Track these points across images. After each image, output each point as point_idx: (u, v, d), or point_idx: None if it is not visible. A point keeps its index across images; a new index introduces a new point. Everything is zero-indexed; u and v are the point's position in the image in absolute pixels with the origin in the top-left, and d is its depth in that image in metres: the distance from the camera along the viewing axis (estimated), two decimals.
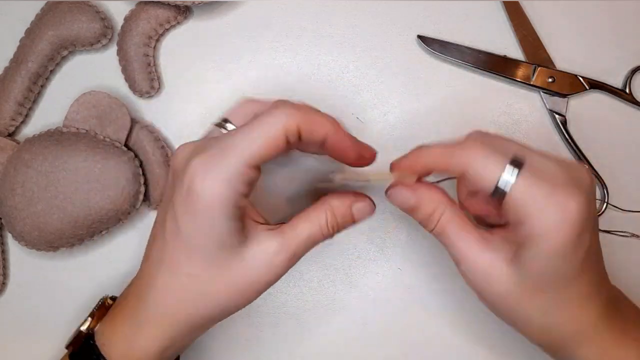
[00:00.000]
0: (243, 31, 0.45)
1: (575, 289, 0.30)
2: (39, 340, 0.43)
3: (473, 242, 0.31)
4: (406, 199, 0.32)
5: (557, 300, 0.30)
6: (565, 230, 0.27)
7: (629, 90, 0.44)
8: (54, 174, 0.39)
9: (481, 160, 0.29)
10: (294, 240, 0.31)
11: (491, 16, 0.45)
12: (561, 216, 0.27)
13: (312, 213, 0.32)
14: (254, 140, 0.28)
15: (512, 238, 0.30)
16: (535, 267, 0.29)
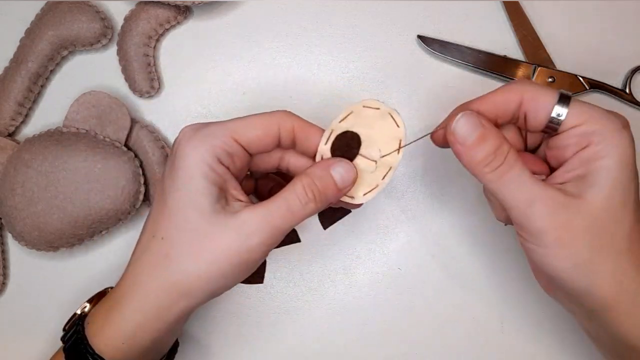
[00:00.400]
0: (243, 31, 0.45)
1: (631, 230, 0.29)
2: (39, 340, 0.43)
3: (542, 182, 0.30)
4: (476, 126, 0.30)
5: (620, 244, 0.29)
6: (629, 144, 0.29)
7: (629, 90, 0.44)
8: (54, 174, 0.39)
9: (535, 92, 0.30)
10: (272, 211, 0.30)
11: (491, 16, 0.45)
12: (623, 132, 0.29)
13: (290, 184, 0.31)
14: (244, 121, 0.32)
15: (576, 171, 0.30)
16: (608, 186, 0.29)
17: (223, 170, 0.31)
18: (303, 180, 0.31)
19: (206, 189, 0.30)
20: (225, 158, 0.31)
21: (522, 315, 0.43)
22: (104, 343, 0.31)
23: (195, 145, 0.30)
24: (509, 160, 0.30)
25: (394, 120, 0.33)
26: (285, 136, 0.32)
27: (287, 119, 0.32)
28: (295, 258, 0.43)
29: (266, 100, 0.44)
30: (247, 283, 0.43)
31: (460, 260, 0.43)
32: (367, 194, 0.33)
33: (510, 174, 0.30)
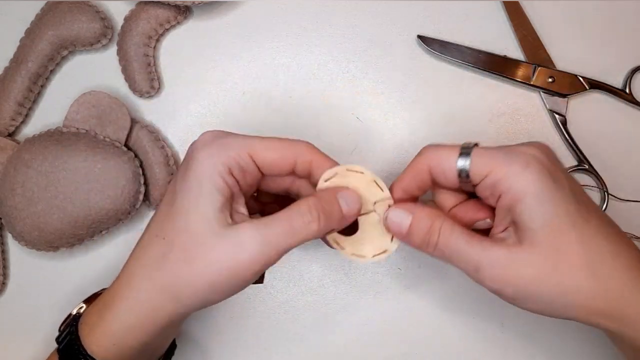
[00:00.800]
0: (243, 31, 0.45)
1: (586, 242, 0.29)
2: (38, 340, 0.43)
3: (481, 244, 0.30)
4: (404, 217, 0.32)
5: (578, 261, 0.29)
6: (537, 177, 0.29)
7: (629, 90, 0.44)
8: (54, 174, 0.39)
9: (437, 155, 0.31)
10: (271, 227, 0.30)
11: (491, 16, 0.45)
12: (526, 169, 0.29)
13: (295, 203, 0.31)
14: (264, 141, 0.32)
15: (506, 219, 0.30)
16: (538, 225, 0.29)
17: (233, 183, 0.30)
18: (309, 200, 0.31)
19: (213, 196, 0.30)
20: (237, 171, 0.31)
21: (522, 315, 0.43)
22: (96, 344, 0.31)
23: (211, 153, 0.30)
24: (444, 234, 0.31)
25: (378, 186, 0.33)
26: (302, 167, 0.32)
27: (307, 152, 0.32)
28: (295, 258, 0.43)
29: (266, 100, 0.45)
30: None
31: None
32: (375, 256, 0.33)
33: (450, 246, 0.31)
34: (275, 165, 0.32)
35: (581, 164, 0.43)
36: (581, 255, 0.29)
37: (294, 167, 0.32)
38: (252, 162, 0.31)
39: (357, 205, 0.32)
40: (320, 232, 0.31)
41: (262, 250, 0.29)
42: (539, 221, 0.29)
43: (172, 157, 0.43)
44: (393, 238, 0.33)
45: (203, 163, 0.30)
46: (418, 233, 0.31)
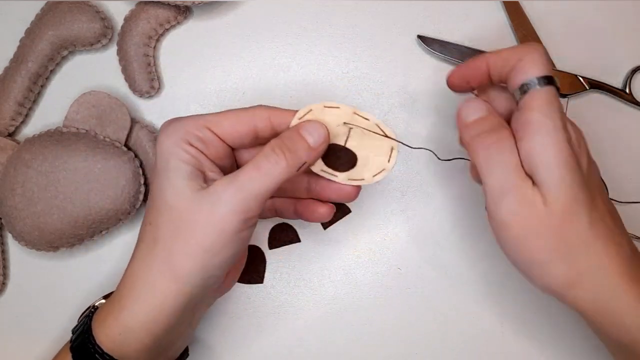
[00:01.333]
0: (243, 31, 0.45)
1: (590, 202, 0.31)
2: (39, 340, 0.43)
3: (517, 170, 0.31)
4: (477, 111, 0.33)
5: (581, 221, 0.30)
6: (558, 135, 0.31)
7: (629, 90, 0.44)
8: (54, 174, 0.39)
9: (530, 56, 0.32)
10: (240, 175, 0.31)
11: (491, 16, 0.45)
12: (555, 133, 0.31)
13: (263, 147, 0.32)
14: (219, 113, 0.33)
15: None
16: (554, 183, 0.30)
17: (195, 152, 0.31)
18: (272, 141, 0.32)
19: (180, 168, 0.31)
20: (196, 142, 0.32)
21: (522, 315, 0.43)
22: (105, 333, 0.31)
23: (168, 133, 0.32)
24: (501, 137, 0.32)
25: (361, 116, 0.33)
26: (263, 127, 0.33)
27: (262, 110, 0.33)
28: (295, 258, 0.43)
29: (266, 100, 0.44)
30: (247, 283, 0.43)
31: (460, 260, 0.43)
32: (376, 175, 0.34)
33: (495, 160, 0.31)
34: (235, 131, 0.32)
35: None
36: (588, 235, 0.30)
37: (256, 131, 0.33)
38: (211, 133, 0.32)
39: (321, 133, 0.32)
40: (290, 168, 0.31)
41: (239, 198, 0.30)
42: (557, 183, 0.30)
43: None
44: (391, 157, 0.33)
45: (164, 143, 0.32)
46: (481, 129, 0.32)
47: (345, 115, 0.33)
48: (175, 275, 0.30)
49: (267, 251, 0.43)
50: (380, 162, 0.34)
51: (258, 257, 0.43)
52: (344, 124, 0.33)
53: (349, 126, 0.33)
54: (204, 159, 0.32)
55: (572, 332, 0.43)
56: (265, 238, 0.43)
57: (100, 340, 0.31)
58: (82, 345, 0.32)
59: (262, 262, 0.43)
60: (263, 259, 0.43)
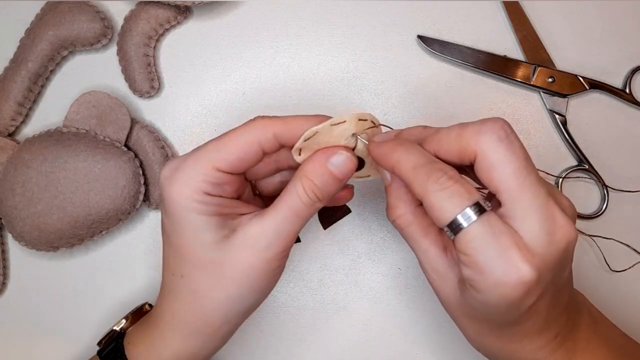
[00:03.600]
0: (243, 31, 0.45)
1: (517, 329, 0.29)
2: (39, 340, 0.43)
3: (435, 244, 0.31)
4: (386, 179, 0.32)
5: (498, 334, 0.30)
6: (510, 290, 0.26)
7: (629, 90, 0.44)
8: (54, 174, 0.39)
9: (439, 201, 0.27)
10: (276, 218, 0.30)
11: (491, 16, 0.45)
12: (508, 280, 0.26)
13: (289, 186, 0.30)
14: (222, 146, 0.30)
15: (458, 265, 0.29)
16: (475, 307, 0.29)
17: (216, 200, 0.30)
18: (303, 182, 0.30)
19: (204, 222, 0.29)
20: (212, 189, 0.30)
21: None
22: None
23: (177, 188, 0.29)
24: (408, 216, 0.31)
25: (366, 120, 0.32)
26: (269, 145, 0.30)
27: (264, 128, 0.30)
28: (295, 258, 0.43)
29: (266, 100, 0.45)
30: None
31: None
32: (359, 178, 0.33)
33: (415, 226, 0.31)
34: (244, 161, 0.30)
35: (581, 164, 0.43)
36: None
37: (262, 150, 0.30)
38: (222, 173, 0.30)
39: (350, 164, 0.30)
40: (323, 202, 0.30)
41: (282, 244, 0.30)
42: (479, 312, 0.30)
43: (172, 157, 0.43)
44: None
45: (177, 201, 0.29)
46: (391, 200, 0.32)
47: (351, 127, 0.31)
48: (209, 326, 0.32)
49: None
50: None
51: None
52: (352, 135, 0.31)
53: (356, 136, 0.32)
54: (225, 201, 0.30)
55: None
56: None
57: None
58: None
59: None
60: None
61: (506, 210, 0.27)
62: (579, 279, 0.43)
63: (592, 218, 0.43)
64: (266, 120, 0.30)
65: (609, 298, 0.42)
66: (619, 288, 0.43)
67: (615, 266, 0.43)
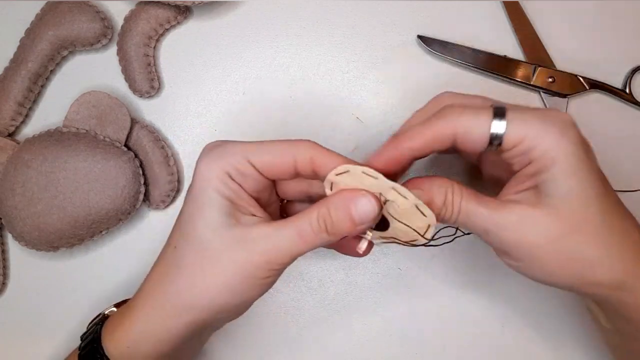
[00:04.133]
0: (243, 31, 0.45)
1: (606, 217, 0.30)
2: (39, 340, 0.43)
3: (494, 206, 0.30)
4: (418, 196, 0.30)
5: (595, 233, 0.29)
6: (572, 147, 0.29)
7: (629, 90, 0.44)
8: (54, 174, 0.39)
9: (467, 123, 0.29)
10: (282, 233, 0.30)
11: (491, 16, 0.45)
12: (563, 137, 0.29)
13: (308, 209, 0.31)
14: (262, 145, 0.31)
15: (526, 184, 0.30)
16: (562, 192, 0.29)
17: (235, 186, 0.31)
18: (320, 208, 0.30)
19: (216, 201, 0.30)
20: (237, 176, 0.31)
21: (522, 315, 0.43)
22: (113, 345, 0.32)
23: (209, 162, 0.31)
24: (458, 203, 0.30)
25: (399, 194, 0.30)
26: (303, 166, 0.31)
27: (306, 149, 0.31)
28: None
29: (266, 100, 0.45)
30: None
31: (460, 260, 0.43)
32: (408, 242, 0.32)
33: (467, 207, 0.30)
34: (275, 167, 0.31)
35: None
36: (598, 228, 0.29)
37: (296, 168, 0.31)
38: (251, 166, 0.31)
39: (371, 212, 0.30)
40: (331, 238, 0.30)
41: (273, 253, 0.30)
42: (566, 189, 0.29)
43: (172, 157, 0.43)
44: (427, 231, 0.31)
45: (203, 172, 0.31)
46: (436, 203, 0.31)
47: (380, 187, 0.30)
48: (190, 307, 0.30)
49: None
50: (414, 234, 0.31)
51: None
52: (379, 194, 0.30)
53: (385, 198, 0.30)
54: (243, 194, 0.31)
55: (572, 333, 0.43)
56: None
57: (109, 351, 0.32)
58: (90, 354, 0.32)
59: None
60: None
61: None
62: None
63: None
64: (310, 144, 0.31)
65: None
66: None
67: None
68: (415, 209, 0.30)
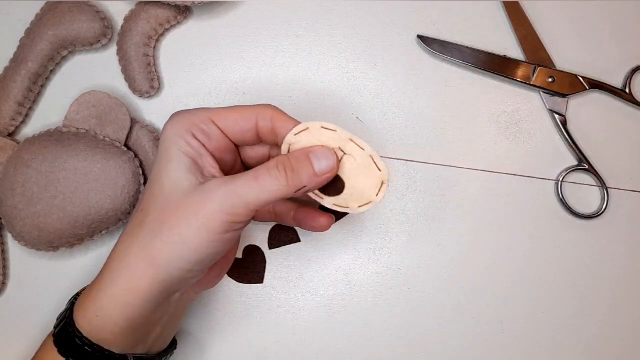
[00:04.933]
0: (243, 31, 0.45)
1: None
2: (39, 340, 0.43)
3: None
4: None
5: None
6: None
7: (629, 90, 0.44)
8: (54, 174, 0.39)
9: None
10: (237, 179, 0.30)
11: (491, 16, 0.45)
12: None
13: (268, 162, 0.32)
14: (225, 108, 0.33)
15: None
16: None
17: (197, 144, 0.32)
18: (278, 158, 0.32)
19: (179, 159, 0.31)
20: (199, 134, 0.32)
21: (522, 315, 0.43)
22: (82, 316, 0.31)
23: (173, 123, 0.32)
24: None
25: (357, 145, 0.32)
26: (264, 126, 0.33)
27: (267, 110, 0.33)
28: (295, 258, 0.44)
29: (266, 100, 0.44)
30: (247, 283, 0.43)
31: (460, 260, 0.43)
32: (361, 206, 0.33)
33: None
34: (238, 126, 0.33)
35: (581, 164, 0.43)
36: None
37: (257, 129, 0.33)
38: (215, 126, 0.32)
39: (330, 163, 0.32)
40: (289, 188, 0.31)
41: (230, 202, 0.30)
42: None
43: None
44: (380, 191, 0.32)
45: (167, 132, 0.32)
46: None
47: (340, 140, 0.32)
48: (152, 261, 0.30)
49: (267, 251, 0.43)
50: (369, 194, 0.33)
51: (258, 257, 0.43)
52: (339, 149, 0.32)
53: (342, 153, 0.32)
54: (205, 153, 0.32)
55: (572, 333, 0.43)
56: (265, 238, 0.43)
57: (80, 323, 0.31)
58: (63, 331, 0.32)
59: (262, 262, 0.43)
60: (263, 259, 0.43)
61: None
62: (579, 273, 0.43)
63: (592, 218, 0.43)
64: (270, 106, 0.33)
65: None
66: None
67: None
68: (371, 161, 0.32)
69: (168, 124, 0.33)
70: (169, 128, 0.32)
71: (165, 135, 0.32)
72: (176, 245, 0.30)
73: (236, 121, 0.33)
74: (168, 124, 0.33)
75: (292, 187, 0.31)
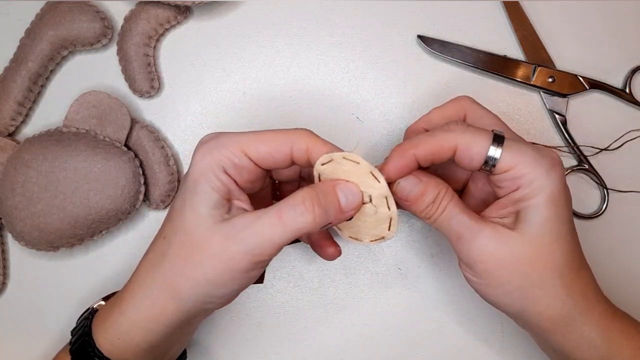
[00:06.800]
0: (243, 31, 0.45)
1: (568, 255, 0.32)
2: (39, 340, 0.43)
3: (475, 217, 0.32)
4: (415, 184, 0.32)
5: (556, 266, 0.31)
6: (558, 182, 0.31)
7: (629, 90, 0.44)
8: (54, 174, 0.39)
9: (469, 140, 0.31)
10: (262, 219, 0.29)
11: (491, 16, 0.45)
12: (551, 171, 0.31)
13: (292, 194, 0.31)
14: (257, 136, 0.31)
15: (508, 209, 0.32)
16: (539, 220, 0.31)
17: (227, 180, 0.31)
18: (305, 190, 0.30)
19: (207, 194, 0.30)
20: (231, 169, 0.31)
21: None
22: (103, 337, 0.32)
23: (204, 154, 0.31)
24: (445, 205, 0.32)
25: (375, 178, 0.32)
26: (299, 155, 0.31)
27: (302, 138, 0.31)
28: (295, 258, 0.44)
29: (266, 100, 0.45)
30: None
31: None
32: (373, 241, 0.33)
33: (447, 215, 0.32)
34: (271, 158, 0.31)
35: (581, 164, 0.43)
36: (561, 260, 0.31)
37: (292, 157, 0.32)
38: (247, 158, 0.31)
39: (357, 200, 0.31)
40: (315, 224, 0.30)
41: (255, 242, 0.29)
42: (544, 218, 0.31)
43: (172, 157, 0.43)
44: (391, 226, 0.33)
45: (198, 164, 0.31)
46: (425, 201, 0.32)
47: (359, 174, 0.32)
48: (175, 295, 0.31)
49: None
50: (381, 229, 0.33)
51: None
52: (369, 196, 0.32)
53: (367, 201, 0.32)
54: (235, 188, 0.31)
55: None
56: None
57: (100, 343, 0.32)
58: (81, 348, 0.32)
59: None
60: None
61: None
62: None
63: (592, 218, 0.43)
64: (306, 133, 0.32)
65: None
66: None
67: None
68: (384, 201, 0.32)
69: (198, 154, 0.31)
70: (199, 159, 0.31)
71: (195, 167, 0.31)
72: (200, 283, 0.30)
73: (269, 152, 0.31)
74: (198, 154, 0.31)
75: (318, 224, 0.30)
